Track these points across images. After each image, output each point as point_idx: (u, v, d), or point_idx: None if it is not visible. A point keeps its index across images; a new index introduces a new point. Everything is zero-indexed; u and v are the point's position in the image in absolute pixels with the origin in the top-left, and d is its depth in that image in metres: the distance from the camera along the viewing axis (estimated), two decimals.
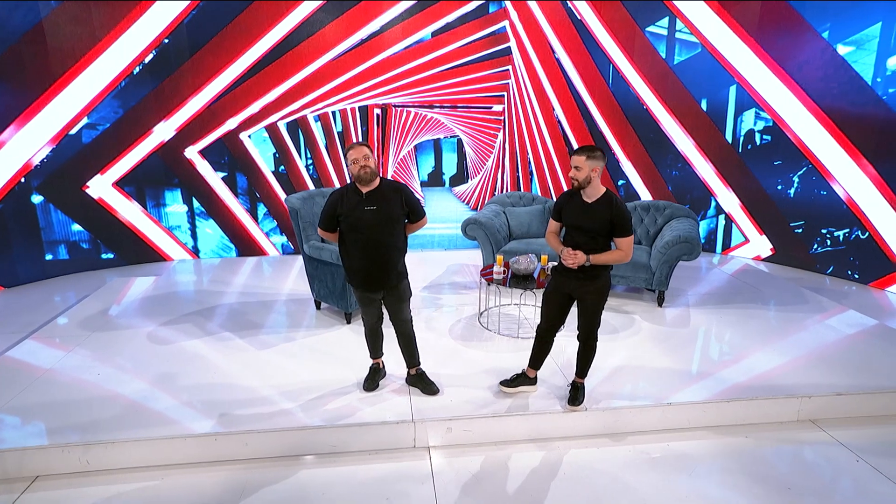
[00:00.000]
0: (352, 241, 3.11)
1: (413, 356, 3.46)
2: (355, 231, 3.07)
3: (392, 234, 3.12)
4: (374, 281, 3.17)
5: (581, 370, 3.30)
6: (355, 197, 3.07)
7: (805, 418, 3.41)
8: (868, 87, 5.58)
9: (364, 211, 3.04)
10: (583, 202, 2.97)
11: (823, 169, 6.03)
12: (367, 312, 3.34)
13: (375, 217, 3.05)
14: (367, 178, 3.02)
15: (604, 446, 3.17)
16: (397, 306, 3.29)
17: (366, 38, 6.57)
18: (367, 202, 3.05)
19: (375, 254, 3.10)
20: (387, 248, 3.12)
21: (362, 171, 3.01)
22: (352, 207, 3.05)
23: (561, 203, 3.09)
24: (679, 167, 7.19)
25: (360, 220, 3.05)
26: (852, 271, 6.03)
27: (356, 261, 3.14)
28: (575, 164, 2.90)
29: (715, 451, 3.13)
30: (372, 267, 3.13)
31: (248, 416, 3.14)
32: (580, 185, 2.92)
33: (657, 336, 4.31)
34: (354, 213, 3.05)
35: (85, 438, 2.93)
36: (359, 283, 3.20)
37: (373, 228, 3.06)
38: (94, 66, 5.85)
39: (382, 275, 3.16)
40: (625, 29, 6.84)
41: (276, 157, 6.81)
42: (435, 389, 3.40)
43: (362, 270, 3.15)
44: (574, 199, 3.01)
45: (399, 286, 3.24)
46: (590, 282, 3.01)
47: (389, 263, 3.15)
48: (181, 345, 4.11)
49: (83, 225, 6.29)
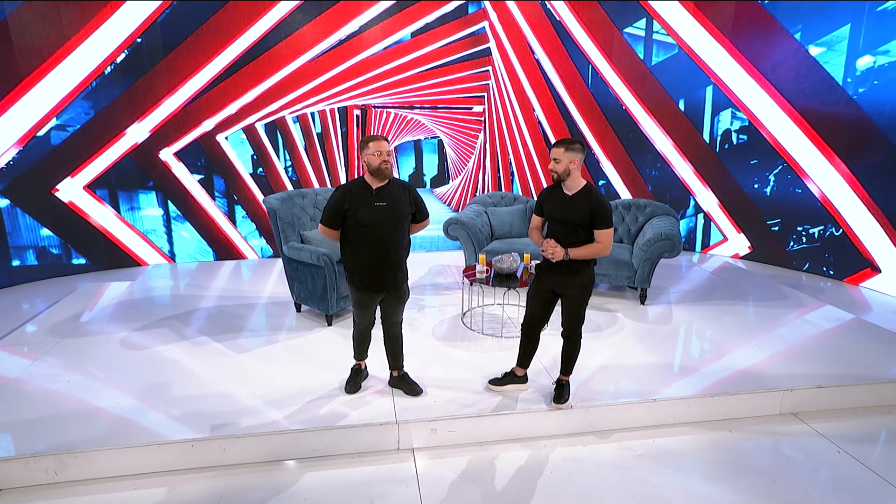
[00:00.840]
0: (359, 239, 2.98)
1: (398, 358, 3.39)
2: (364, 227, 2.94)
3: (401, 232, 3.04)
4: (381, 281, 3.06)
5: (566, 367, 3.27)
6: (365, 192, 2.95)
7: (787, 411, 3.43)
8: (839, 87, 5.70)
9: (374, 207, 2.93)
10: (563, 195, 2.96)
11: (798, 167, 6.14)
12: (364, 315, 3.20)
13: (386, 214, 2.95)
14: (387, 173, 2.93)
15: (590, 444, 3.15)
16: (395, 308, 3.21)
17: (344, 39, 6.50)
18: (378, 198, 2.94)
19: (385, 252, 3.00)
20: (396, 247, 3.03)
21: (384, 164, 2.90)
22: (362, 203, 2.93)
23: (542, 197, 3.08)
24: (658, 167, 7.26)
25: (370, 217, 2.93)
26: (827, 267, 6.14)
27: (363, 259, 3.01)
28: (554, 157, 2.90)
29: (700, 445, 3.13)
30: (380, 266, 3.02)
31: (226, 422, 3.04)
32: (559, 177, 2.91)
33: (640, 333, 4.31)
34: (364, 208, 2.92)
35: (53, 449, 2.80)
36: (364, 282, 3.06)
37: (382, 226, 2.95)
38: (63, 65, 5.68)
39: (389, 274, 3.06)
40: (603, 30, 6.90)
41: (254, 159, 6.70)
42: (418, 390, 3.34)
43: (370, 269, 3.02)
44: (555, 192, 3.01)
45: (402, 287, 3.17)
46: (572, 276, 2.99)
47: (397, 263, 3.07)
48: (156, 351, 3.98)
49: (53, 229, 6.09)
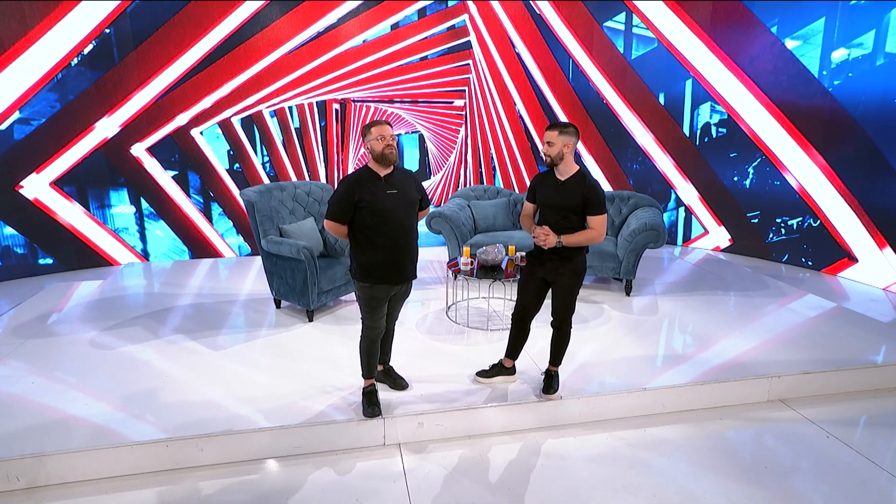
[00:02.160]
0: (374, 229, 2.79)
1: (387, 353, 3.28)
2: (379, 217, 2.77)
3: (414, 219, 2.93)
4: (401, 272, 2.88)
5: (555, 358, 3.21)
6: (375, 180, 2.80)
7: (775, 398, 3.43)
8: (815, 80, 5.77)
9: (387, 195, 2.78)
10: (556, 180, 2.90)
11: (776, 160, 6.20)
12: (378, 316, 2.93)
13: (399, 201, 2.82)
14: (393, 159, 2.78)
15: (580, 435, 3.09)
16: (400, 303, 3.09)
17: (322, 31, 6.37)
18: (389, 185, 2.80)
19: (403, 241, 2.85)
20: (412, 235, 2.92)
21: (388, 150, 2.75)
22: (374, 191, 2.77)
23: (535, 183, 3.02)
24: (639, 161, 7.28)
25: (384, 205, 2.77)
26: (806, 258, 6.21)
27: (382, 251, 2.81)
28: (547, 140, 2.84)
29: (691, 434, 3.10)
30: (399, 256, 2.85)
31: (203, 423, 2.90)
32: (553, 161, 2.85)
33: (627, 324, 4.28)
34: (377, 197, 2.76)
35: (14, 453, 2.63)
36: (383, 275, 2.84)
37: (397, 213, 2.81)
38: (26, 56, 5.43)
39: (409, 264, 2.92)
40: (583, 24, 6.89)
41: (231, 154, 6.51)
42: (403, 384, 3.25)
43: (390, 261, 2.83)
44: (547, 178, 2.94)
45: (411, 280, 3.02)
46: (564, 263, 2.93)
47: (414, 252, 2.95)
48: (128, 351, 3.80)
49: (17, 228, 5.82)
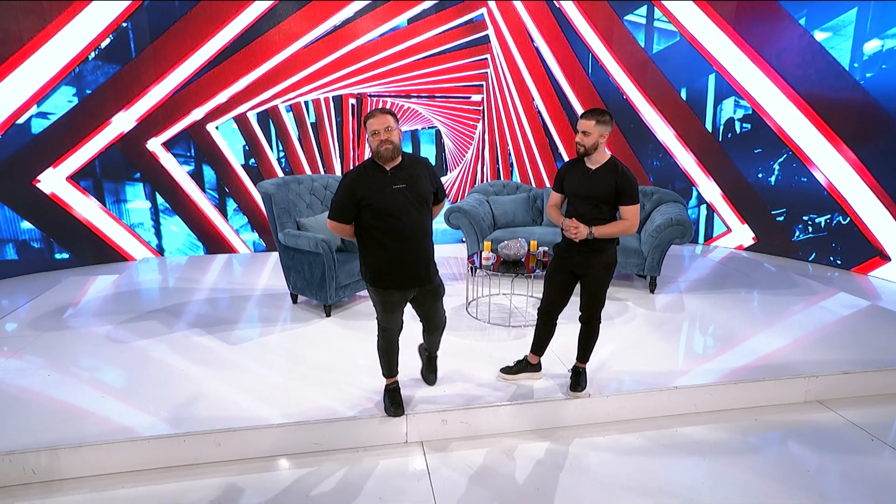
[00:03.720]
0: (381, 229, 2.54)
1: (434, 345, 3.07)
2: (385, 216, 2.51)
3: (425, 216, 2.64)
4: (412, 276, 2.65)
5: (583, 354, 3.09)
6: (379, 175, 2.52)
7: (813, 399, 3.28)
8: (846, 73, 5.60)
9: (393, 191, 2.50)
10: (586, 169, 2.77)
11: (803, 155, 6.02)
12: (392, 320, 2.74)
13: (407, 197, 2.52)
14: (389, 155, 2.47)
15: (609, 434, 2.97)
16: (432, 305, 2.81)
17: (339, 25, 6.30)
18: (395, 180, 2.52)
19: (412, 241, 2.59)
20: (422, 234, 2.64)
21: (382, 147, 2.45)
22: (378, 188, 2.50)
23: (562, 172, 2.89)
24: (660, 157, 7.13)
25: (390, 203, 2.50)
26: (834, 257, 6.02)
27: (389, 253, 2.57)
28: (583, 129, 2.68)
29: (725, 435, 2.96)
30: (409, 258, 2.60)
31: (219, 418, 2.82)
32: (586, 151, 2.72)
33: (653, 322, 4.15)
34: (383, 194, 2.50)
35: (29, 446, 2.57)
36: (392, 280, 2.62)
37: (406, 211, 2.52)
38: (44, 50, 5.42)
39: (420, 266, 2.65)
40: (604, 18, 6.76)
41: (246, 149, 6.47)
42: (433, 380, 3.13)
43: (398, 263, 2.59)
44: (576, 166, 2.81)
45: (434, 280, 2.77)
46: (594, 256, 2.81)
47: (427, 252, 2.68)
48: (143, 345, 3.74)
49: (34, 222, 5.80)
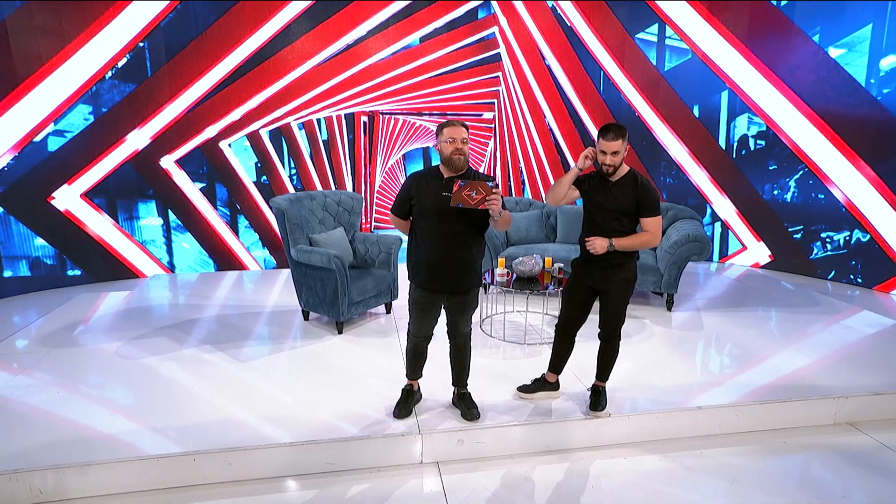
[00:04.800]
0: (423, 231, 2.69)
1: (462, 375, 2.99)
2: (427, 218, 2.65)
3: (471, 227, 2.66)
4: (444, 280, 2.70)
5: (602, 373, 3.01)
6: (434, 181, 2.65)
7: (843, 421, 3.15)
8: (862, 89, 5.55)
9: (441, 197, 2.58)
10: (606, 182, 2.72)
11: (820, 172, 5.94)
12: (422, 320, 2.82)
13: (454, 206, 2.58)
14: (460, 164, 2.60)
15: (632, 456, 2.86)
16: (460, 316, 2.83)
17: (352, 44, 6.36)
18: (447, 188, 2.58)
19: (449, 247, 2.65)
20: (463, 244, 2.67)
21: (456, 154, 2.58)
22: (428, 192, 2.64)
23: (583, 180, 2.79)
24: (673, 174, 7.07)
25: (435, 207, 2.61)
26: (855, 275, 5.90)
27: (425, 254, 2.69)
28: (612, 150, 2.58)
29: (754, 457, 2.84)
30: (443, 262, 2.66)
31: (229, 438, 2.75)
32: (615, 171, 2.65)
33: (672, 340, 4.05)
34: (430, 197, 2.62)
35: (35, 465, 2.50)
36: (424, 280, 2.72)
37: (447, 218, 2.60)
38: (63, 69, 5.50)
39: (454, 275, 2.69)
40: (615, 36, 6.77)
41: (258, 166, 6.49)
42: (475, 414, 2.89)
43: (432, 266, 2.68)
44: (596, 178, 2.76)
45: (469, 293, 2.78)
46: (615, 271, 2.74)
47: (464, 262, 2.69)
48: (152, 363, 3.68)
49: (47, 239, 5.82)
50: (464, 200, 2.44)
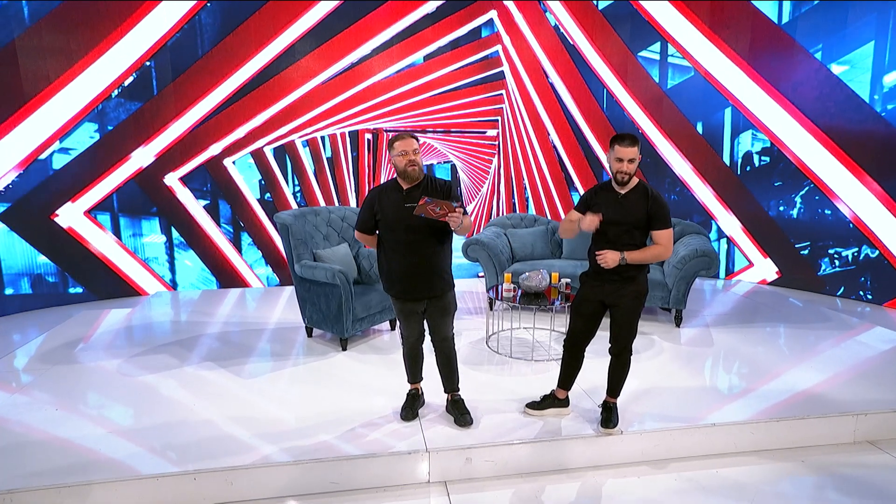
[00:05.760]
0: (391, 244, 2.77)
1: (451, 380, 3.04)
2: (394, 232, 2.74)
3: (435, 234, 2.74)
4: (416, 288, 2.79)
5: (613, 389, 2.93)
6: (395, 193, 2.74)
7: (862, 439, 3.06)
8: (866, 105, 5.55)
9: (405, 209, 2.68)
10: (615, 193, 2.68)
11: (826, 188, 5.91)
12: (407, 327, 2.93)
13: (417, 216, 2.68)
14: (414, 175, 2.69)
15: (645, 475, 2.77)
16: (439, 320, 2.89)
17: (356, 62, 6.41)
18: (408, 199, 2.69)
19: (418, 257, 2.74)
20: (431, 252, 2.76)
21: (410, 166, 2.66)
22: (390, 205, 2.72)
23: (588, 198, 2.78)
24: (677, 191, 7.05)
25: (399, 219, 2.70)
26: (864, 292, 5.83)
27: (395, 265, 2.78)
28: (629, 157, 2.57)
29: (771, 476, 2.75)
30: (414, 272, 2.76)
31: (229, 456, 2.67)
32: (630, 179, 2.63)
33: (682, 356, 3.97)
34: (393, 210, 2.71)
35: (32, 485, 2.43)
36: (398, 291, 2.82)
37: (414, 227, 2.68)
38: (70, 88, 5.53)
39: (425, 282, 2.79)
40: (617, 53, 6.82)
41: (262, 183, 6.49)
42: (468, 420, 2.93)
43: (403, 276, 2.77)
44: (605, 192, 2.73)
45: (444, 297, 2.86)
46: (626, 285, 2.69)
47: (434, 268, 2.79)
48: (152, 380, 3.61)
49: (49, 256, 5.80)
50: (427, 212, 2.54)
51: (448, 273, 2.88)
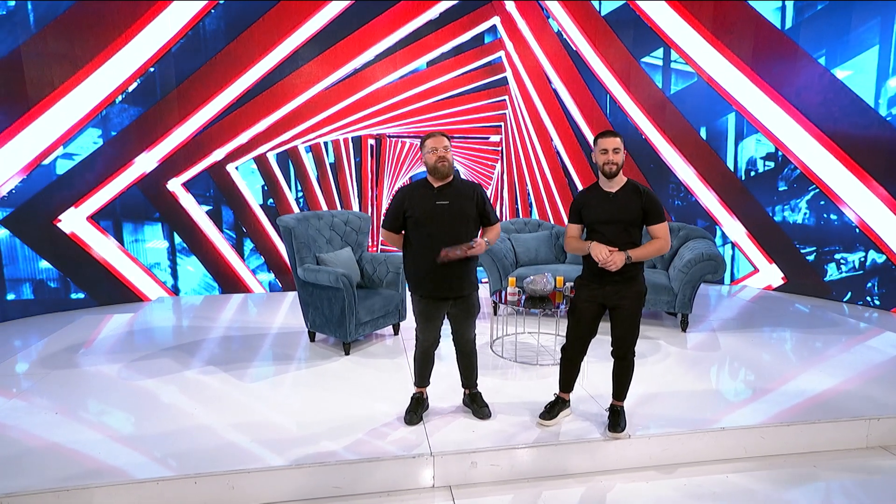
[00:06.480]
0: (420, 240, 2.78)
1: (471, 377, 3.08)
2: (424, 227, 2.75)
3: (466, 233, 2.77)
4: (444, 286, 2.79)
5: (619, 392, 2.89)
6: (425, 191, 2.77)
7: (875, 444, 3.00)
8: (871, 109, 5.53)
9: (435, 206, 2.72)
10: (605, 193, 2.70)
11: (831, 193, 5.88)
12: (427, 328, 2.90)
13: (448, 213, 2.73)
14: (445, 171, 2.71)
15: (653, 480, 2.72)
16: (463, 322, 2.92)
17: (359, 68, 6.42)
18: (440, 196, 2.73)
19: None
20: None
21: (440, 162, 2.69)
22: (421, 202, 2.74)
23: (580, 202, 2.78)
24: (681, 197, 7.02)
25: (430, 216, 2.73)
26: (872, 297, 5.77)
27: (424, 263, 2.77)
28: (613, 147, 2.62)
29: (783, 482, 2.70)
30: (443, 270, 2.75)
31: (230, 461, 2.63)
32: (619, 169, 2.63)
33: (688, 360, 3.92)
34: (424, 207, 2.74)
35: (31, 488, 2.39)
36: (426, 289, 2.82)
37: (444, 225, 2.72)
38: (74, 93, 5.54)
39: (454, 280, 2.79)
40: (620, 59, 6.83)
41: (265, 189, 6.48)
42: (487, 413, 3.00)
43: (431, 273, 2.76)
44: (594, 193, 2.74)
45: (470, 297, 2.89)
46: (627, 285, 2.69)
47: (462, 267, 2.80)
48: (152, 386, 3.56)
49: (52, 262, 5.78)
50: (451, 258, 2.69)
51: (474, 274, 2.90)
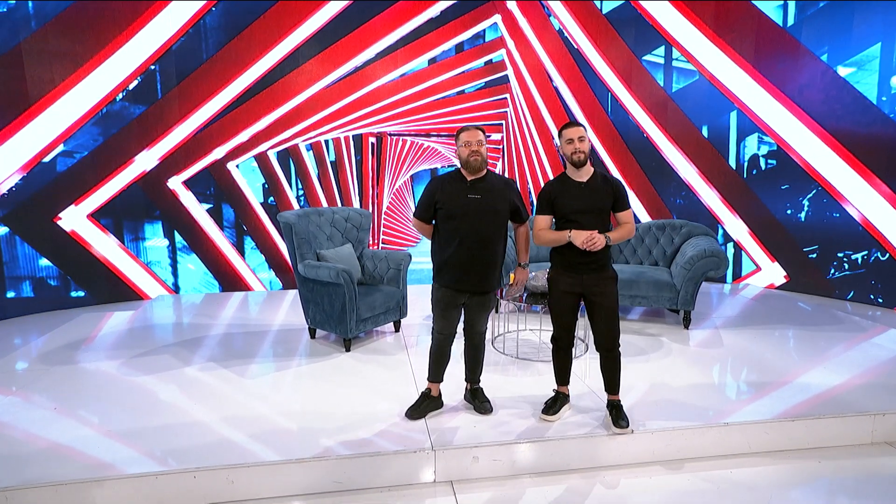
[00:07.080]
0: (447, 232, 2.79)
1: (475, 371, 3.09)
2: (453, 220, 2.76)
3: (495, 228, 2.79)
4: (469, 279, 2.80)
5: (612, 385, 2.89)
6: (458, 183, 2.79)
7: (880, 440, 2.98)
8: (874, 107, 5.51)
9: (467, 199, 2.74)
10: (577, 183, 2.73)
11: (834, 191, 5.85)
12: (445, 318, 2.90)
13: (479, 206, 2.74)
14: (477, 165, 2.74)
15: (658, 475, 2.70)
16: (478, 315, 2.94)
17: (360, 66, 6.41)
18: (472, 190, 2.76)
19: (475, 247, 2.76)
20: (489, 243, 2.78)
21: (472, 156, 2.72)
22: (453, 194, 2.77)
23: (551, 193, 2.78)
24: (683, 195, 7.00)
25: (460, 209, 2.74)
26: (875, 295, 5.74)
27: (451, 254, 2.77)
28: (578, 136, 2.67)
29: (788, 478, 2.67)
30: (469, 262, 2.76)
31: (230, 457, 2.61)
32: (587, 158, 2.70)
33: (691, 357, 3.90)
34: (455, 199, 2.76)
35: (29, 482, 2.37)
36: (450, 278, 2.81)
37: (474, 218, 2.74)
38: (75, 91, 5.53)
39: (478, 274, 2.80)
40: (622, 58, 6.81)
41: (266, 187, 6.47)
42: (488, 408, 3.01)
43: (457, 265, 2.77)
44: (565, 184, 2.76)
45: (489, 294, 2.92)
46: (601, 273, 2.76)
47: (489, 261, 2.81)
48: (152, 383, 3.54)
49: (52, 260, 5.76)
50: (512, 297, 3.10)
51: (499, 273, 2.89)
